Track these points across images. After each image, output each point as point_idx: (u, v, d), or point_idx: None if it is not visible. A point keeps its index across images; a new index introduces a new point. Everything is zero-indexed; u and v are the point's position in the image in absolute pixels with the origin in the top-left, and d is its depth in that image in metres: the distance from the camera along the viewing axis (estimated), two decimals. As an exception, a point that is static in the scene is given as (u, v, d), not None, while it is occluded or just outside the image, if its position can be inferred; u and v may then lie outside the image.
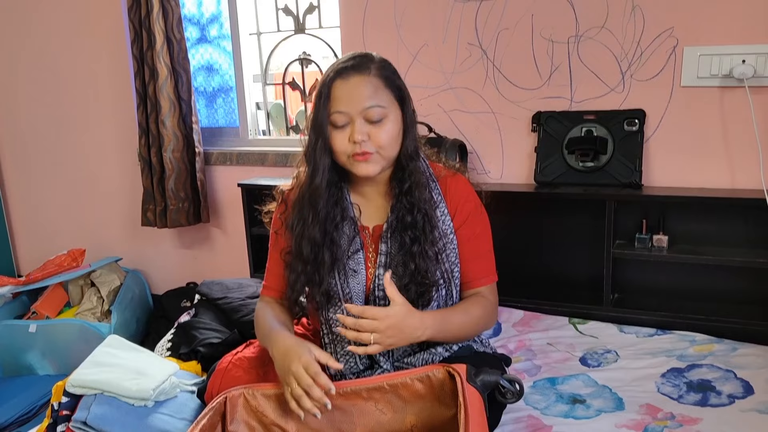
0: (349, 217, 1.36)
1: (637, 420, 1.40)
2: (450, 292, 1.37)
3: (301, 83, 2.66)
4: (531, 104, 2.15)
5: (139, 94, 2.68)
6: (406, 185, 1.33)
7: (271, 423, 1.22)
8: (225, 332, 1.92)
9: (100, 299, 2.79)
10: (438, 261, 1.33)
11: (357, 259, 1.36)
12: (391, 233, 1.35)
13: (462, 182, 1.41)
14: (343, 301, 1.34)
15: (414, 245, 1.31)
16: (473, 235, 1.39)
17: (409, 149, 1.33)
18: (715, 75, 1.89)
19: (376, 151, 1.28)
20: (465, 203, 1.39)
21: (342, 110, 1.27)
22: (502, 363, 1.43)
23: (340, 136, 1.28)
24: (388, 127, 1.28)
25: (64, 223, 3.24)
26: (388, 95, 1.29)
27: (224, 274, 2.69)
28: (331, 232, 1.33)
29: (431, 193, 1.35)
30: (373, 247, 1.37)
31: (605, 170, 2.02)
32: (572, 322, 1.95)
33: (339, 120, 1.27)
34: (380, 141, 1.27)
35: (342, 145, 1.28)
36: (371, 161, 1.28)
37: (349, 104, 1.26)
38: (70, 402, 1.42)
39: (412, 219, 1.32)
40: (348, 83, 1.26)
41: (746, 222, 1.91)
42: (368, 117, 1.26)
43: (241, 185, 2.47)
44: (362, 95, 1.26)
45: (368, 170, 1.29)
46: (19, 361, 2.63)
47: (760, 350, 1.68)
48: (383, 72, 1.30)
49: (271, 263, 1.45)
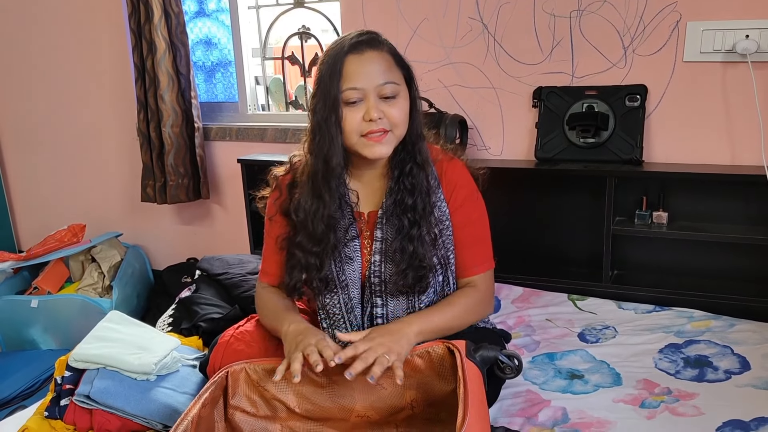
0: (347, 204, 1.34)
1: (634, 395, 1.42)
2: (446, 278, 1.35)
3: (300, 57, 2.64)
4: (532, 79, 2.13)
5: (137, 68, 2.66)
6: (408, 166, 1.30)
7: (273, 397, 1.23)
8: (226, 307, 1.93)
9: (101, 275, 2.80)
10: (434, 247, 1.31)
11: (353, 247, 1.33)
12: (386, 219, 1.32)
13: (459, 167, 1.37)
14: (339, 289, 1.34)
15: (413, 228, 1.28)
16: (468, 221, 1.36)
17: (417, 130, 1.30)
18: (718, 50, 1.88)
19: (390, 130, 1.24)
20: (460, 188, 1.35)
21: (357, 86, 1.21)
22: (501, 339, 1.44)
23: (352, 114, 1.23)
24: (402, 105, 1.25)
25: (63, 198, 3.24)
26: (399, 73, 1.26)
27: (224, 250, 2.70)
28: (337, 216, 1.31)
29: (428, 177, 1.32)
30: (368, 234, 1.35)
31: (606, 146, 2.02)
32: (571, 298, 1.96)
33: (352, 96, 1.22)
34: (395, 119, 1.24)
35: (355, 123, 1.23)
36: (385, 142, 1.24)
37: (365, 79, 1.21)
38: (73, 376, 1.44)
39: (413, 201, 1.29)
40: (362, 58, 1.22)
41: (746, 198, 1.91)
42: (382, 93, 1.23)
43: (240, 161, 2.47)
44: (377, 71, 1.22)
45: (381, 151, 1.25)
46: (22, 335, 2.64)
47: (757, 326, 1.69)
48: (393, 50, 1.28)
49: (267, 249, 1.42)
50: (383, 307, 1.34)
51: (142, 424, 1.37)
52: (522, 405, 1.41)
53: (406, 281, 1.28)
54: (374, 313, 1.34)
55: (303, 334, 1.20)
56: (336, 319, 1.34)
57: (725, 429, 1.26)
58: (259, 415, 1.24)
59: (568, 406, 1.38)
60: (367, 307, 1.35)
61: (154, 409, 1.38)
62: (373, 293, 1.34)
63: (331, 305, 1.35)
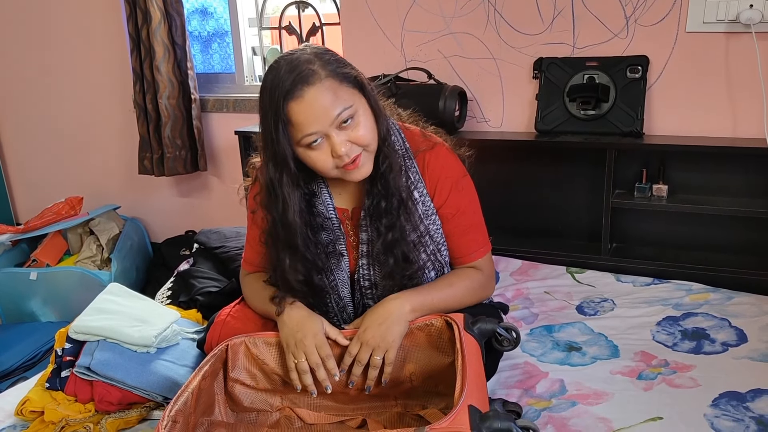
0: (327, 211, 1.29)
1: (631, 367, 1.43)
2: (440, 272, 1.33)
3: (297, 27, 2.60)
4: (532, 50, 2.11)
5: (132, 38, 2.62)
6: (381, 168, 1.22)
7: (272, 371, 1.24)
8: (223, 281, 1.93)
9: (99, 247, 2.80)
10: (422, 244, 1.27)
11: (338, 249, 1.29)
12: (370, 219, 1.27)
13: (441, 155, 1.30)
14: (330, 289, 1.31)
15: (389, 233, 1.23)
16: (458, 212, 1.31)
17: (382, 132, 1.22)
18: (722, 20, 1.85)
19: (362, 150, 1.17)
20: (444, 180, 1.29)
21: (311, 131, 1.12)
22: (499, 311, 1.44)
23: (319, 155, 1.15)
24: (364, 122, 1.16)
25: (61, 171, 3.22)
26: (348, 90, 1.15)
27: (222, 222, 2.69)
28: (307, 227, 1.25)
29: (408, 172, 1.26)
30: (354, 232, 1.31)
31: (606, 118, 2.00)
32: (570, 271, 1.96)
33: (311, 140, 1.14)
34: (362, 138, 1.16)
35: (326, 162, 1.16)
36: (362, 165, 1.18)
37: (317, 122, 1.12)
38: (73, 348, 1.44)
39: (387, 204, 1.23)
40: (304, 101, 1.11)
41: (747, 171, 1.90)
42: (339, 121, 1.13)
43: (238, 133, 2.45)
44: (325, 107, 1.11)
45: (363, 173, 1.19)
46: (21, 308, 2.65)
47: (755, 299, 1.70)
48: (330, 69, 1.14)
49: (251, 239, 1.38)
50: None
51: (143, 396, 1.38)
52: (520, 377, 1.42)
53: (394, 282, 1.26)
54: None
55: (301, 326, 1.19)
56: (329, 317, 1.30)
57: (721, 400, 1.27)
58: (259, 388, 1.25)
59: (566, 378, 1.39)
60: (359, 308, 1.34)
61: (154, 381, 1.38)
62: (364, 296, 1.32)
63: (321, 305, 1.32)
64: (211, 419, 1.20)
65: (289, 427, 1.24)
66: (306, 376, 1.17)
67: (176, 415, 1.02)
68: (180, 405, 1.03)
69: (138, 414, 1.37)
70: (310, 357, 1.17)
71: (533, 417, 1.26)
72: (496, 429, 0.93)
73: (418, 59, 2.24)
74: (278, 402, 1.26)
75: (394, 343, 1.18)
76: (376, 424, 1.23)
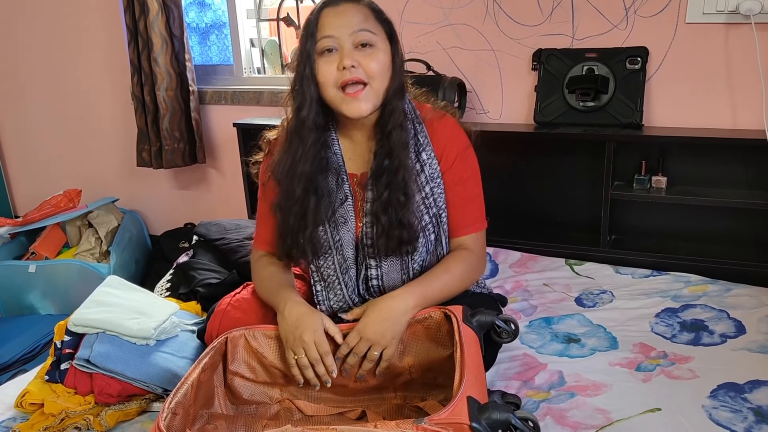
0: (337, 165, 1.31)
1: (630, 358, 1.43)
2: (439, 237, 1.33)
3: (296, 19, 2.59)
4: (531, 41, 2.10)
5: (129, 30, 2.61)
6: (387, 128, 1.27)
7: (271, 364, 1.24)
8: (223, 273, 1.93)
9: (98, 240, 2.80)
10: (425, 206, 1.29)
11: (346, 208, 1.31)
12: (375, 179, 1.29)
13: (449, 124, 1.34)
14: (334, 250, 1.31)
15: (388, 191, 1.26)
16: (460, 180, 1.33)
17: (394, 86, 1.26)
18: (721, 11, 1.84)
19: (368, 83, 1.21)
20: (451, 147, 1.32)
21: (330, 34, 1.21)
22: (498, 303, 1.44)
23: (327, 65, 1.22)
24: (379, 56, 1.23)
25: (59, 163, 3.22)
26: (378, 26, 1.25)
27: (221, 214, 2.69)
28: (317, 175, 1.28)
29: (417, 136, 1.30)
30: (361, 195, 1.32)
31: (606, 110, 2.00)
32: (569, 263, 1.96)
33: (327, 44, 1.21)
34: (371, 70, 1.21)
35: (330, 74, 1.21)
36: (363, 98, 1.22)
37: (339, 28, 1.21)
38: (72, 340, 1.44)
39: (389, 163, 1.26)
40: (337, 9, 1.23)
41: (746, 163, 1.90)
42: (358, 40, 1.21)
43: (236, 125, 2.44)
44: (352, 20, 1.21)
45: (361, 108, 1.22)
46: (20, 301, 2.65)
47: (754, 291, 1.70)
48: (373, 5, 1.27)
49: (261, 215, 1.40)
50: (377, 269, 1.32)
51: (142, 388, 1.38)
52: (519, 369, 1.42)
53: (392, 243, 1.27)
54: (369, 275, 1.32)
55: (300, 323, 1.19)
56: (331, 281, 1.32)
57: (720, 392, 1.28)
58: (258, 381, 1.26)
59: (565, 370, 1.40)
60: (361, 269, 1.33)
61: (153, 373, 1.39)
62: (367, 255, 1.32)
63: (325, 267, 1.33)
64: (211, 411, 1.20)
65: (288, 419, 1.24)
66: (307, 370, 1.18)
67: (176, 407, 1.02)
68: (180, 397, 1.03)
69: (138, 406, 1.37)
70: (308, 353, 1.17)
71: (532, 408, 1.27)
72: (494, 420, 0.93)
73: (417, 51, 2.23)
74: (278, 394, 1.27)
75: (393, 341, 1.19)
76: (375, 415, 1.23)
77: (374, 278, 1.32)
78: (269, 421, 1.23)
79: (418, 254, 1.30)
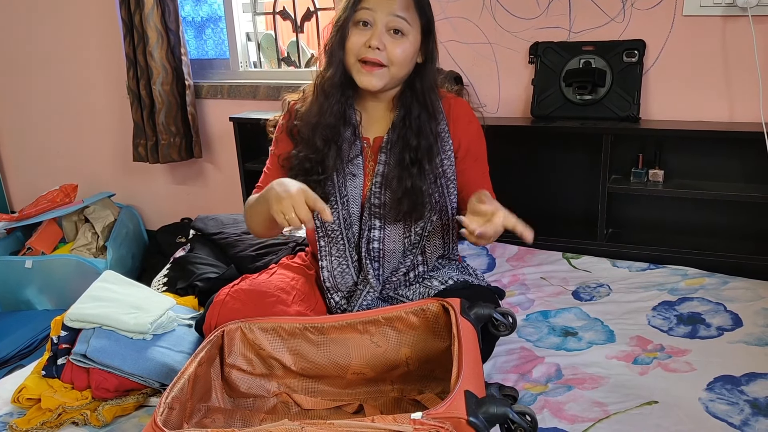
0: (352, 123, 1.38)
1: (627, 351, 1.43)
2: (445, 208, 1.40)
3: (292, 12, 2.58)
4: (528, 34, 2.09)
5: (125, 23, 2.59)
6: (417, 111, 1.34)
7: (268, 356, 1.24)
8: (221, 267, 1.93)
9: (94, 235, 2.79)
10: (434, 175, 1.37)
11: (356, 164, 1.38)
12: (391, 146, 1.37)
13: (465, 105, 1.43)
14: (340, 204, 1.37)
15: (414, 167, 1.34)
16: (480, 157, 1.43)
17: (429, 82, 1.35)
18: (718, 3, 1.84)
19: (387, 66, 1.29)
20: (469, 124, 1.41)
21: (370, 7, 1.27)
22: (495, 296, 1.44)
23: (356, 36, 1.29)
24: (406, 46, 1.29)
25: (55, 158, 3.21)
26: (416, 18, 1.30)
27: (218, 209, 2.69)
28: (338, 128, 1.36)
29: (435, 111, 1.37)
30: (372, 157, 1.40)
31: (603, 103, 1.99)
32: (566, 256, 1.96)
33: (363, 16, 1.28)
34: (395, 55, 1.28)
35: (356, 45, 1.29)
36: (376, 75, 1.29)
37: (379, 5, 1.27)
38: (69, 336, 1.44)
39: (417, 143, 1.34)
40: None
41: (743, 156, 1.90)
42: (391, 25, 1.27)
43: (232, 119, 2.43)
44: (393, 4, 1.27)
45: (371, 83, 1.30)
46: (17, 296, 2.65)
47: (750, 284, 1.70)
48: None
49: (269, 167, 1.45)
50: (381, 230, 1.39)
51: (139, 383, 1.37)
52: (516, 362, 1.42)
53: (401, 207, 1.34)
54: (371, 236, 1.39)
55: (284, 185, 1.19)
56: (334, 236, 1.39)
57: (716, 384, 1.28)
58: (256, 373, 1.26)
59: (562, 363, 1.40)
60: (364, 229, 1.39)
61: (150, 367, 1.38)
62: (372, 214, 1.38)
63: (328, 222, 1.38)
64: (208, 405, 1.20)
65: (285, 413, 1.24)
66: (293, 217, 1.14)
67: (173, 402, 1.02)
68: (176, 391, 1.03)
69: (135, 401, 1.37)
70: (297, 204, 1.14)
71: (529, 401, 1.27)
72: (492, 414, 0.93)
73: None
74: (275, 387, 1.27)
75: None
76: (372, 409, 1.23)
77: (376, 240, 1.39)
78: (266, 414, 1.23)
79: (420, 225, 1.38)
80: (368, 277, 1.38)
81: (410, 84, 1.37)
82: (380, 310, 1.24)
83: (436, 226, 1.41)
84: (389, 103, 1.40)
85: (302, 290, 1.38)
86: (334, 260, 1.40)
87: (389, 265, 1.41)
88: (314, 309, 1.39)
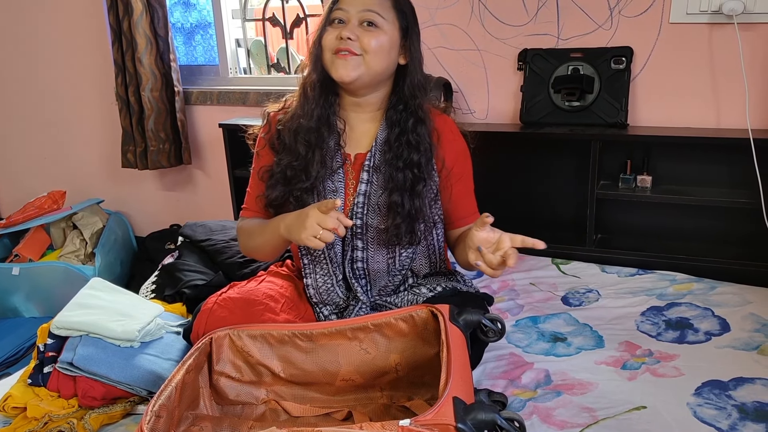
0: (336, 131, 1.37)
1: (616, 357, 1.43)
2: (428, 226, 1.39)
3: (281, 19, 2.58)
4: (517, 41, 2.11)
5: (113, 30, 2.58)
6: (410, 121, 1.33)
7: (257, 362, 1.23)
8: (209, 274, 1.92)
9: (83, 242, 2.77)
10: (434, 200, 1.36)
11: (337, 178, 1.36)
12: (375, 166, 1.35)
13: (450, 123, 1.41)
14: None
15: (418, 184, 1.32)
16: (464, 174, 1.41)
17: (416, 82, 1.33)
18: (705, 11, 1.86)
19: (360, 55, 1.27)
20: (454, 143, 1.39)
21: (342, 7, 1.29)
22: (484, 302, 1.44)
23: (330, 33, 1.29)
24: (380, 37, 1.28)
25: (43, 165, 3.18)
26: (392, 13, 1.30)
27: (207, 216, 2.68)
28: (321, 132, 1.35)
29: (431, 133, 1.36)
30: (354, 175, 1.37)
31: (591, 110, 2.01)
32: (555, 262, 1.97)
33: (336, 15, 1.29)
34: (367, 44, 1.27)
35: (330, 40, 1.29)
36: (350, 62, 1.27)
37: (351, 4, 1.28)
38: (55, 343, 1.42)
39: (418, 158, 1.32)
40: None
41: (730, 161, 1.91)
42: (364, 18, 1.27)
43: (222, 125, 2.43)
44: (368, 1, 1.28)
45: (346, 70, 1.27)
46: (4, 303, 2.62)
47: (738, 289, 1.71)
48: None
49: (252, 186, 1.44)
50: (363, 251, 1.37)
51: (127, 391, 1.36)
52: (505, 368, 1.42)
53: (398, 231, 1.32)
54: (354, 256, 1.37)
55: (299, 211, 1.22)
56: (316, 255, 1.37)
57: (704, 389, 1.28)
58: (244, 381, 1.25)
59: (551, 369, 1.40)
60: (347, 250, 1.37)
61: (137, 375, 1.37)
62: (354, 235, 1.36)
63: None
64: (196, 413, 1.19)
65: (274, 420, 1.23)
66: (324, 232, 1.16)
67: (160, 410, 1.01)
68: (164, 399, 1.02)
69: (122, 409, 1.36)
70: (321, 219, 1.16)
71: (518, 407, 1.27)
72: (480, 421, 0.93)
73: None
74: (264, 395, 1.26)
75: None
76: (361, 416, 1.23)
77: (359, 260, 1.38)
78: (255, 422, 1.22)
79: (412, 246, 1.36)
80: (358, 294, 1.38)
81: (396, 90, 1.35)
82: (369, 317, 1.24)
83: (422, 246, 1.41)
84: (373, 115, 1.38)
85: (291, 298, 1.38)
86: (319, 278, 1.39)
87: (376, 283, 1.41)
88: (303, 317, 1.39)
